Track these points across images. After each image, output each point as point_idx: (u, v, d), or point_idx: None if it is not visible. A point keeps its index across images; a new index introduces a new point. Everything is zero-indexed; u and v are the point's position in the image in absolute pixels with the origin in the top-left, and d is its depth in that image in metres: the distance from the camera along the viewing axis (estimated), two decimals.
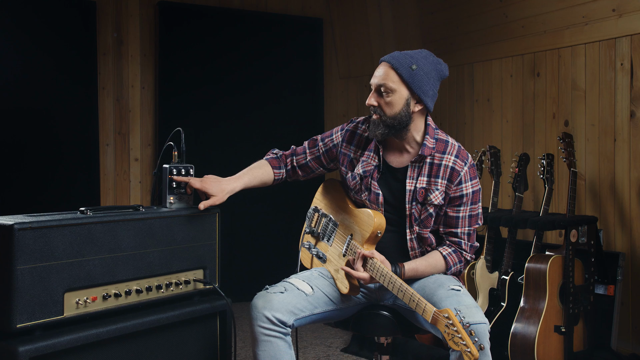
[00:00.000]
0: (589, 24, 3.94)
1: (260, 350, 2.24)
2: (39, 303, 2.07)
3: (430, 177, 2.37)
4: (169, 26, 5.14)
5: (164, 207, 2.57)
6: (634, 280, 3.69)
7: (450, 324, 2.02)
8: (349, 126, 2.55)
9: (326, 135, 2.62)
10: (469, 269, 3.68)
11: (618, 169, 3.79)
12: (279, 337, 2.24)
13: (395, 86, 2.30)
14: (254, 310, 2.27)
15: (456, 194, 2.37)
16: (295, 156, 2.66)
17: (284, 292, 2.32)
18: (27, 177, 4.69)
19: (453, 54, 5.09)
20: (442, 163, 2.37)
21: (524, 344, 3.33)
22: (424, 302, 2.12)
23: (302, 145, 2.67)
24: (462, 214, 2.39)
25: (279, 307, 2.25)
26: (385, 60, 2.34)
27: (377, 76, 2.33)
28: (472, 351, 1.96)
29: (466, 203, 2.38)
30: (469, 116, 4.95)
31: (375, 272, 2.27)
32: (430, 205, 2.37)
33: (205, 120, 5.21)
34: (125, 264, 2.33)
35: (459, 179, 2.35)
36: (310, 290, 2.37)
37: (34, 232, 2.06)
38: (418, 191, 2.37)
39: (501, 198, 4.51)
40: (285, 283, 2.40)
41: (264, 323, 2.23)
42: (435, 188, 2.36)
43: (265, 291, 2.36)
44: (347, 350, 3.94)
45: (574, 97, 4.06)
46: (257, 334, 2.24)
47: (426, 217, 2.39)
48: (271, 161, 2.65)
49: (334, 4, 5.83)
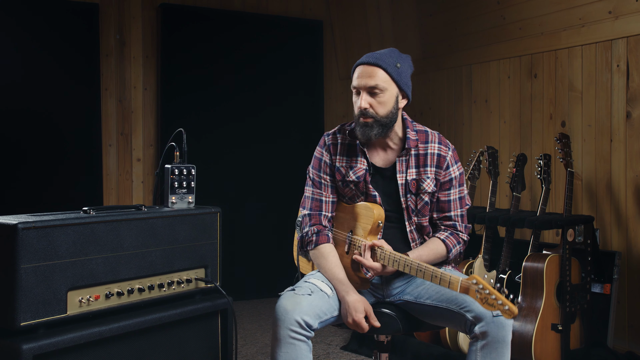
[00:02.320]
0: (585, 25, 3.97)
1: (282, 352, 2.19)
2: (42, 301, 2.09)
3: (419, 168, 2.44)
4: (171, 28, 5.18)
5: (166, 206, 2.60)
6: (630, 279, 3.71)
7: (481, 288, 2.01)
8: (327, 141, 2.54)
9: (317, 166, 2.56)
10: (467, 267, 3.72)
11: (614, 169, 3.82)
12: (303, 341, 2.19)
13: (386, 85, 2.35)
14: (283, 312, 2.20)
15: (446, 178, 2.45)
16: (324, 212, 2.53)
17: (311, 295, 2.27)
18: (31, 177, 4.73)
19: (451, 55, 5.12)
20: (428, 152, 2.45)
21: (522, 342, 3.36)
22: (447, 275, 2.11)
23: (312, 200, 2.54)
24: (453, 197, 2.47)
25: (308, 310, 2.21)
26: (369, 63, 2.35)
27: (366, 77, 2.34)
28: (510, 308, 1.94)
29: (455, 186, 2.47)
30: (467, 117, 4.98)
31: (387, 259, 2.27)
32: (425, 194, 2.43)
33: (206, 120, 5.25)
34: (128, 263, 2.35)
35: (446, 164, 2.44)
36: (330, 291, 2.36)
37: (37, 232, 2.08)
38: (410, 183, 2.43)
39: (499, 198, 4.53)
40: (309, 284, 2.35)
41: (294, 327, 2.17)
42: (426, 177, 2.43)
43: (292, 292, 2.29)
44: (346, 348, 3.97)
45: (571, 98, 4.09)
46: (283, 337, 2.18)
47: (422, 207, 2.44)
48: (325, 238, 2.50)
49: (333, 6, 5.86)
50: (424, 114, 5.45)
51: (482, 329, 2.14)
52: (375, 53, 2.38)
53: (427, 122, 5.37)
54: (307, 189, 2.58)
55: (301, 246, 2.54)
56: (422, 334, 3.80)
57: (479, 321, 2.15)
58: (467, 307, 2.19)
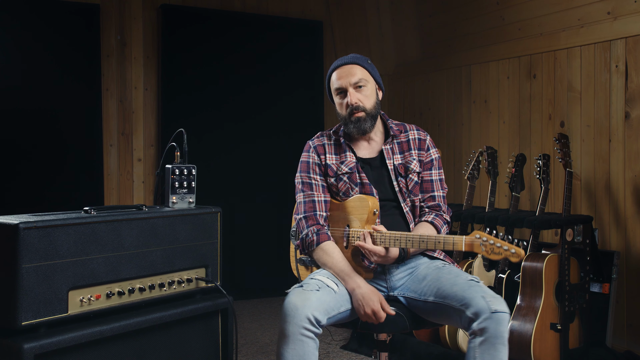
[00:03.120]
0: (584, 26, 3.98)
1: (290, 348, 2.16)
2: (43, 301, 2.10)
3: (404, 152, 2.61)
4: (171, 29, 5.19)
5: (167, 206, 2.61)
6: (628, 278, 3.73)
7: (485, 241, 2.13)
8: (312, 144, 2.65)
9: (305, 169, 2.61)
10: (466, 267, 3.73)
11: (613, 169, 3.83)
12: (311, 338, 2.18)
13: (367, 78, 2.54)
14: (293, 309, 2.18)
15: (427, 159, 2.63)
16: (319, 212, 2.56)
17: (319, 290, 2.28)
18: (32, 177, 4.74)
19: (451, 56, 5.14)
20: (409, 138, 2.64)
21: (521, 341, 3.37)
22: (450, 237, 2.23)
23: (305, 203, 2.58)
24: (435, 177, 2.63)
25: (317, 305, 2.20)
26: (345, 63, 2.55)
27: (348, 76, 2.52)
28: (517, 251, 2.07)
29: (436, 167, 2.64)
30: (466, 117, 4.99)
31: (388, 240, 2.33)
32: (413, 173, 2.58)
33: (206, 121, 5.26)
34: (129, 263, 2.36)
35: (426, 146, 2.64)
36: (336, 287, 2.36)
37: (38, 231, 2.09)
38: (398, 167, 2.58)
39: (498, 198, 4.55)
40: (316, 280, 2.36)
41: (304, 323, 2.16)
42: (411, 159, 2.59)
43: (300, 289, 2.28)
44: (346, 347, 3.98)
45: (570, 99, 4.10)
46: (292, 333, 2.16)
47: (413, 186, 2.59)
48: (326, 236, 2.52)
49: (333, 7, 5.88)
50: (423, 114, 5.47)
51: (480, 325, 2.15)
52: (345, 57, 2.59)
53: (427, 122, 5.38)
54: (298, 195, 2.62)
55: (302, 249, 2.54)
56: (422, 333, 3.81)
57: (477, 317, 2.16)
58: (467, 304, 2.20)
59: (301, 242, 2.54)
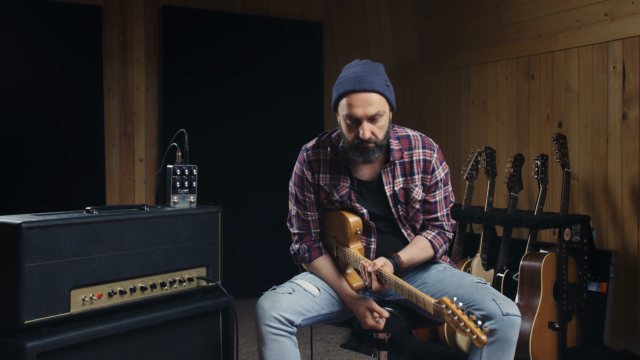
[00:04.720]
0: (582, 27, 4.00)
1: (267, 349, 2.22)
2: (46, 300, 2.12)
3: (407, 176, 2.42)
4: (172, 30, 5.22)
5: (168, 206, 2.63)
6: (626, 277, 3.74)
7: (451, 314, 1.92)
8: (306, 157, 2.50)
9: (299, 184, 2.54)
10: (465, 266, 3.75)
11: (610, 169, 3.85)
12: (285, 336, 2.23)
13: (384, 108, 2.28)
14: (261, 310, 2.24)
15: (432, 182, 2.44)
16: (313, 230, 2.57)
17: (292, 293, 2.31)
18: (34, 177, 4.77)
19: (449, 57, 5.15)
20: (414, 159, 2.42)
21: (519, 340, 3.35)
22: (422, 296, 2.07)
23: (298, 219, 2.58)
24: (438, 198, 2.48)
25: (287, 307, 2.24)
26: (365, 89, 2.23)
27: (366, 106, 2.23)
28: (478, 337, 1.83)
29: (440, 187, 2.47)
30: (465, 118, 5.01)
31: (386, 281, 2.24)
32: (415, 202, 2.43)
33: (207, 121, 5.29)
34: (130, 262, 2.38)
35: (432, 167, 2.43)
36: (317, 291, 2.39)
37: (41, 231, 2.11)
38: (398, 193, 2.42)
39: (496, 198, 4.56)
40: (292, 284, 2.40)
41: (272, 322, 2.21)
42: (414, 185, 2.42)
43: (272, 291, 2.33)
44: (346, 346, 4.00)
45: (568, 99, 4.12)
46: (264, 334, 2.22)
47: (414, 214, 2.46)
48: (317, 252, 2.55)
49: (333, 8, 5.90)
50: (422, 115, 5.49)
51: (491, 326, 2.13)
52: (363, 76, 2.25)
53: (426, 123, 5.40)
54: (291, 205, 2.60)
55: (296, 260, 2.62)
56: (421, 332, 3.83)
57: (488, 319, 2.14)
58: (477, 306, 2.18)
59: (294, 255, 2.60)
